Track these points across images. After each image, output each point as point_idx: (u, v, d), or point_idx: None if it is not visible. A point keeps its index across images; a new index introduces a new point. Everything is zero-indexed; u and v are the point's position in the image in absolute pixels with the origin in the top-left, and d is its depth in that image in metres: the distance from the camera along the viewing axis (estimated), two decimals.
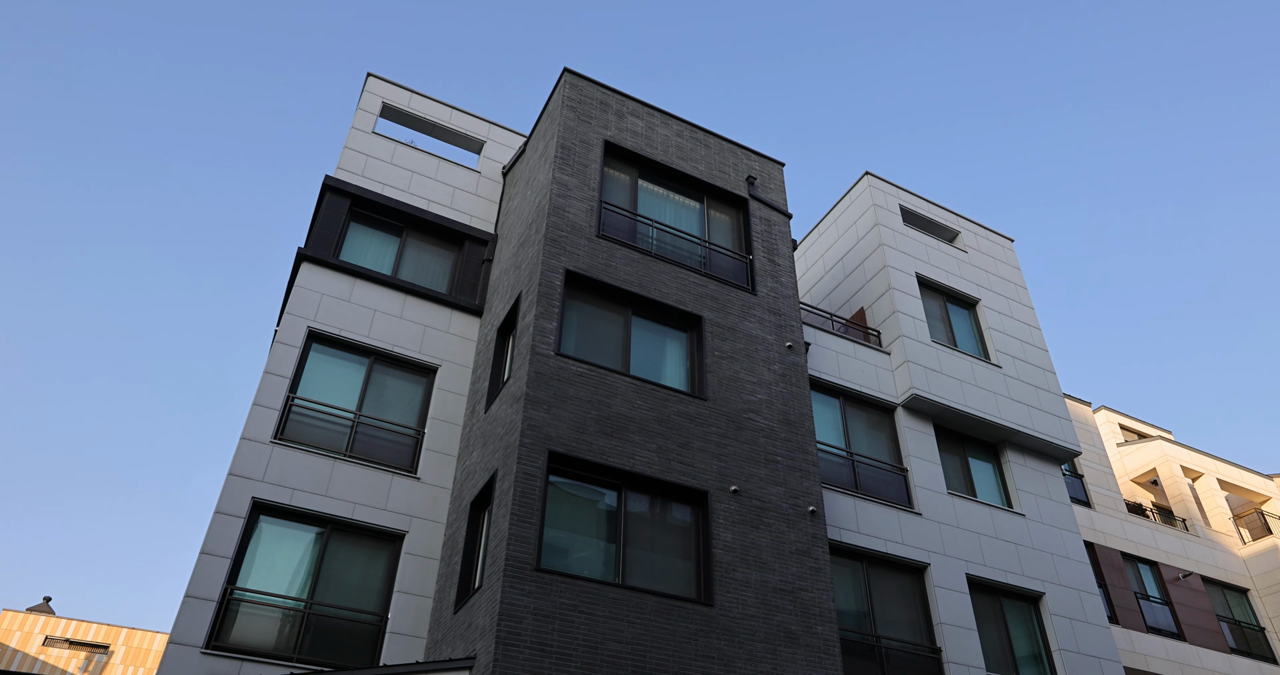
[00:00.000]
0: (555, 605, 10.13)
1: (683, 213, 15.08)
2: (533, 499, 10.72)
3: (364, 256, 15.11)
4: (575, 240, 13.34)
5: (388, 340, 14.13)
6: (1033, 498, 15.34)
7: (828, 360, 14.95)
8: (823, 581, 11.92)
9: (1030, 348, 17.20)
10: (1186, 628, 19.32)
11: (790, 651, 11.15)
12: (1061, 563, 14.75)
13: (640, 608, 10.56)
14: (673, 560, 11.43)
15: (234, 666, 10.84)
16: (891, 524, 13.54)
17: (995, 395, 15.80)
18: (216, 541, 11.48)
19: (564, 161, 14.08)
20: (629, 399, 12.19)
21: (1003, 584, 14.03)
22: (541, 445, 11.19)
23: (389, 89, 17.15)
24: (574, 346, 12.56)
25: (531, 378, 11.66)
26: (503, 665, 9.49)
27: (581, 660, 9.90)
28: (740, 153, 16.29)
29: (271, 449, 12.37)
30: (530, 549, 10.34)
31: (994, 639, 13.53)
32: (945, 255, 17.57)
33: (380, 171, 15.96)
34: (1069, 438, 16.14)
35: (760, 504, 12.21)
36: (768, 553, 11.82)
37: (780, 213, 15.73)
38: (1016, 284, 18.21)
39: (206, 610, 10.95)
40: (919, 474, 14.37)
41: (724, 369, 13.24)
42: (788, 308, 14.54)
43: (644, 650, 10.29)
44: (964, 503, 14.54)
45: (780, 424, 13.16)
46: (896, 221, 17.40)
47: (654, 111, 15.76)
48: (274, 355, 13.22)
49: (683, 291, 13.75)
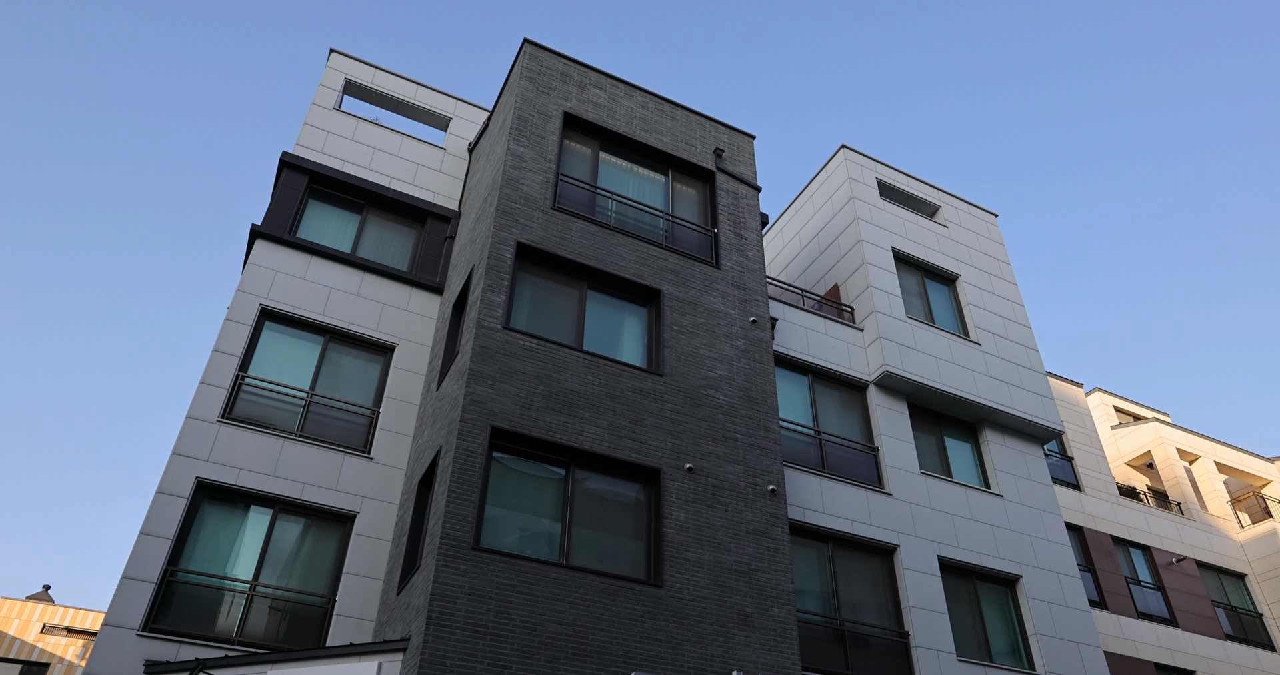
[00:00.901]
0: (492, 585, 9.79)
1: (646, 186, 14.67)
2: (472, 476, 10.38)
3: (323, 234, 14.79)
4: (529, 212, 12.96)
5: (344, 318, 13.81)
6: (1012, 478, 14.85)
7: (796, 336, 14.51)
8: (781, 562, 11.53)
9: (1012, 325, 16.68)
10: (1179, 613, 18.78)
11: (744, 634, 10.77)
12: (1041, 545, 14.27)
13: (584, 588, 10.21)
14: (622, 540, 11.07)
15: (171, 649, 10.56)
16: (859, 504, 13.10)
17: (973, 373, 15.31)
18: (157, 522, 11.20)
19: (520, 133, 13.70)
20: (580, 374, 11.82)
21: (977, 566, 13.58)
22: (484, 421, 10.84)
23: (352, 65, 16.81)
24: (525, 321, 12.20)
25: (476, 352, 11.31)
26: (433, 646, 9.17)
27: (518, 642, 9.56)
28: (708, 125, 15.85)
29: (218, 428, 12.07)
30: (468, 527, 10.00)
31: (967, 623, 13.09)
32: (924, 230, 17.06)
33: (341, 148, 15.62)
34: (1051, 417, 15.63)
35: (717, 482, 11.82)
36: (723, 532, 11.43)
37: (749, 186, 15.29)
38: (999, 260, 17.67)
39: (144, 592, 10.67)
40: (890, 453, 13.92)
41: (683, 344, 12.84)
42: (753, 282, 14.12)
43: (586, 632, 9.94)
44: (938, 483, 14.08)
45: (741, 401, 12.76)
46: (873, 195, 16.89)
47: (618, 83, 15.34)
48: (224, 333, 12.92)
49: (641, 265, 13.35)
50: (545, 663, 9.55)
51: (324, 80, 16.32)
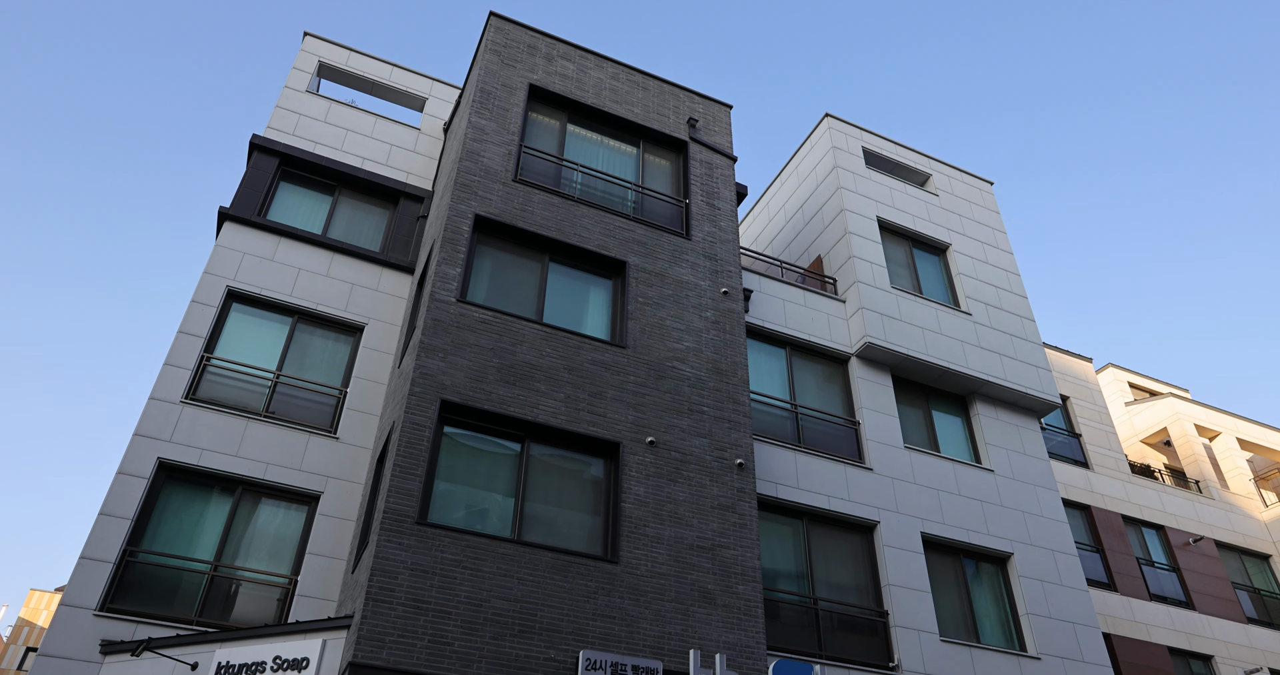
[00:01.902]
0: (436, 561, 9.55)
1: (617, 157, 14.33)
2: (419, 450, 10.14)
3: (294, 216, 14.66)
4: (489, 185, 12.69)
5: (312, 299, 13.66)
6: (1004, 453, 14.27)
7: (773, 309, 14.07)
8: (748, 538, 11.15)
9: (1006, 294, 16.05)
10: (1196, 596, 17.99)
11: (705, 612, 10.41)
12: (1035, 521, 13.69)
13: (534, 564, 9.92)
14: (579, 515, 10.77)
15: (129, 629, 10.46)
16: (837, 479, 12.65)
17: (963, 344, 14.74)
18: (117, 502, 11.12)
19: (482, 106, 13.44)
20: (537, 347, 11.53)
21: (964, 543, 13.05)
22: (433, 394, 10.60)
23: (326, 48, 16.67)
24: (484, 294, 11.94)
25: (428, 325, 11.08)
26: (371, 623, 8.95)
27: (462, 618, 9.30)
28: (683, 95, 15.46)
29: (181, 409, 11.98)
30: (412, 502, 9.76)
31: (952, 602, 12.58)
32: (912, 199, 16.48)
33: (313, 130, 15.49)
34: (1047, 389, 15.01)
35: (680, 456, 11.46)
36: (685, 507, 11.08)
37: (724, 155, 14.88)
38: (994, 228, 17.02)
39: (102, 572, 10.60)
40: (872, 427, 13.43)
41: (648, 316, 12.49)
42: (726, 253, 13.72)
43: (534, 608, 9.65)
44: (923, 457, 13.56)
45: (709, 373, 12.38)
46: (858, 164, 16.35)
47: (587, 54, 15.01)
48: (189, 315, 12.84)
49: (606, 236, 13.02)
50: (490, 640, 9.29)
51: (297, 63, 16.20)
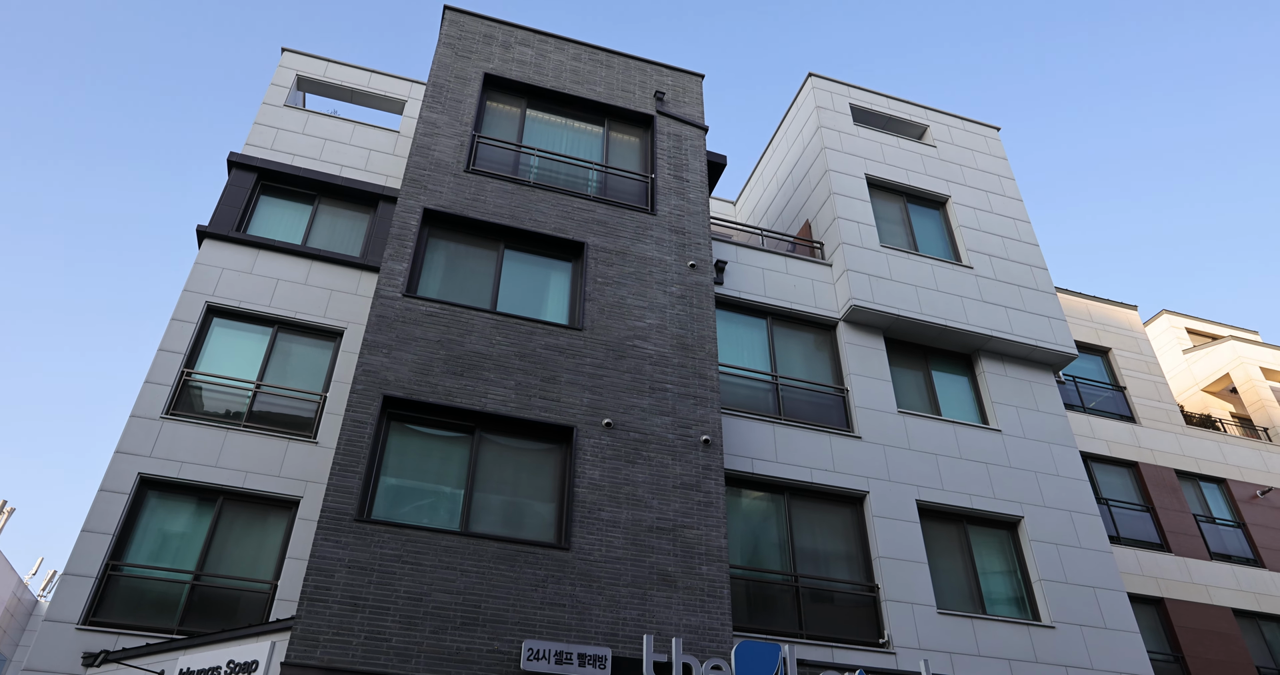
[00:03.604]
0: (375, 557, 9.43)
1: (582, 138, 14.00)
2: (359, 447, 10.05)
3: (275, 228, 14.84)
4: (439, 178, 12.55)
5: (291, 307, 13.78)
6: (1013, 411, 13.33)
7: (752, 278, 13.49)
8: (713, 517, 10.68)
9: (1015, 244, 15.01)
10: (1266, 552, 16.50)
11: (664, 595, 10.01)
12: (1049, 482, 12.74)
13: (478, 555, 9.71)
14: (531, 503, 10.51)
15: (111, 641, 10.71)
16: (821, 450, 12.02)
17: (963, 299, 13.84)
18: (99, 519, 11.41)
19: (434, 100, 13.31)
20: (487, 336, 11.32)
21: (967, 509, 12.23)
22: (375, 391, 10.50)
23: (304, 61, 16.86)
24: (438, 286, 11.81)
25: (372, 322, 11.00)
26: (305, 622, 8.89)
27: (401, 613, 9.16)
28: (650, 69, 15.02)
29: (161, 424, 12.23)
30: (350, 499, 9.68)
31: (954, 572, 11.79)
32: (906, 153, 15.59)
33: (291, 143, 15.65)
34: (1061, 340, 13.95)
35: (640, 436, 11.07)
36: (644, 489, 10.69)
37: (694, 126, 14.38)
38: (1000, 175, 15.96)
39: (84, 587, 10.89)
40: (861, 394, 12.72)
41: (607, 296, 12.13)
42: (694, 225, 13.23)
43: (478, 600, 9.44)
44: (920, 422, 12.77)
45: (674, 349, 11.94)
46: (844, 122, 15.56)
47: (547, 38, 14.74)
48: (169, 332, 13.10)
49: (564, 219, 12.72)
50: (430, 633, 9.12)
51: (275, 79, 16.42)
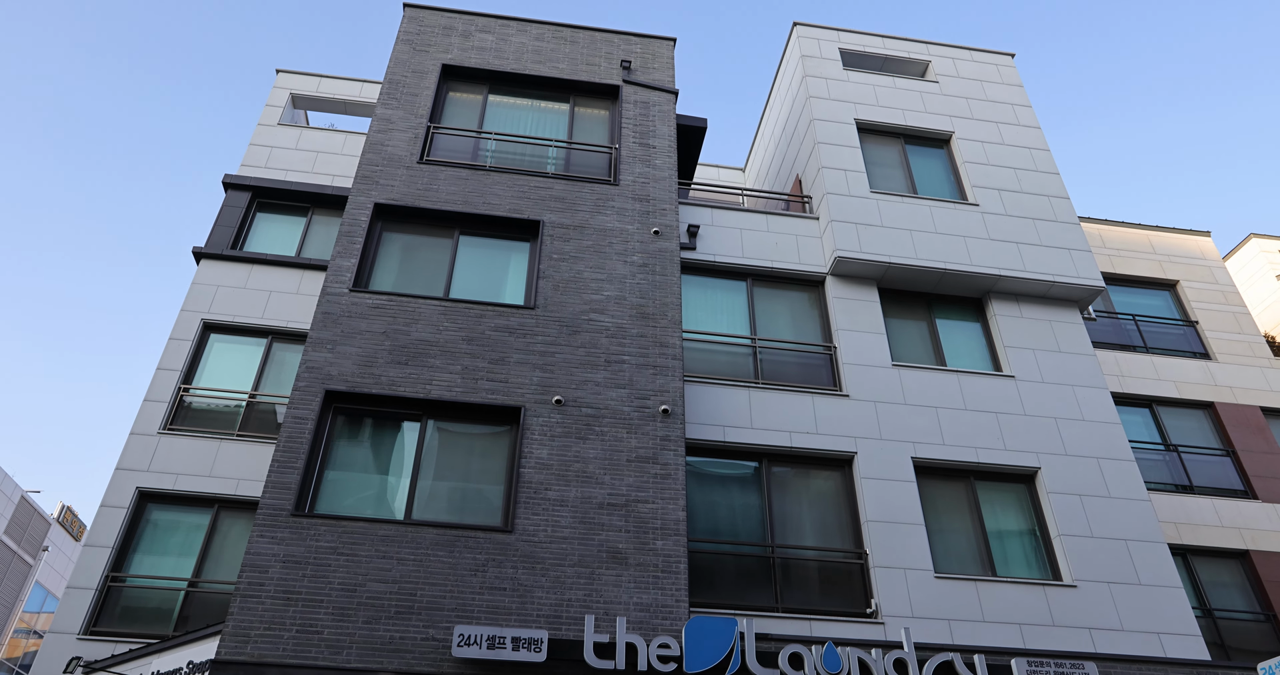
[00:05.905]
0: (310, 550, 9.29)
1: (547, 117, 13.66)
2: (298, 443, 9.97)
3: (271, 242, 15.15)
4: (391, 172, 12.45)
5: (283, 317, 14.00)
6: (1030, 355, 12.00)
7: (728, 240, 12.73)
8: (671, 489, 10.04)
9: (1030, 175, 13.60)
10: None
11: (613, 574, 9.44)
12: (1071, 427, 11.38)
13: (416, 542, 9.43)
14: (479, 487, 10.16)
15: (109, 648, 11.02)
16: (803, 413, 11.13)
17: (965, 239, 12.61)
18: (100, 533, 11.82)
19: (389, 96, 13.27)
20: (434, 323, 11.08)
21: (972, 464, 11.04)
22: (317, 386, 10.42)
23: (297, 80, 17.23)
24: (392, 279, 11.68)
25: (317, 319, 10.95)
26: (237, 618, 8.82)
27: (334, 605, 8.97)
28: (617, 40, 14.53)
29: (159, 439, 12.59)
30: (287, 495, 9.59)
31: (956, 533, 10.64)
32: (903, 92, 14.42)
33: (285, 159, 15.99)
34: (1085, 273, 12.49)
35: (593, 412, 10.56)
36: (596, 465, 10.16)
37: (663, 91, 13.79)
38: (1015, 103, 14.54)
39: (85, 599, 11.27)
40: (850, 350, 11.74)
41: (562, 272, 11.69)
42: (660, 192, 12.63)
43: (414, 588, 9.15)
44: (917, 374, 11.66)
45: (633, 319, 11.37)
46: (833, 68, 14.55)
47: (509, 22, 14.49)
48: (167, 351, 13.51)
49: (520, 199, 12.37)
50: (363, 624, 8.89)
51: (270, 99, 16.84)
